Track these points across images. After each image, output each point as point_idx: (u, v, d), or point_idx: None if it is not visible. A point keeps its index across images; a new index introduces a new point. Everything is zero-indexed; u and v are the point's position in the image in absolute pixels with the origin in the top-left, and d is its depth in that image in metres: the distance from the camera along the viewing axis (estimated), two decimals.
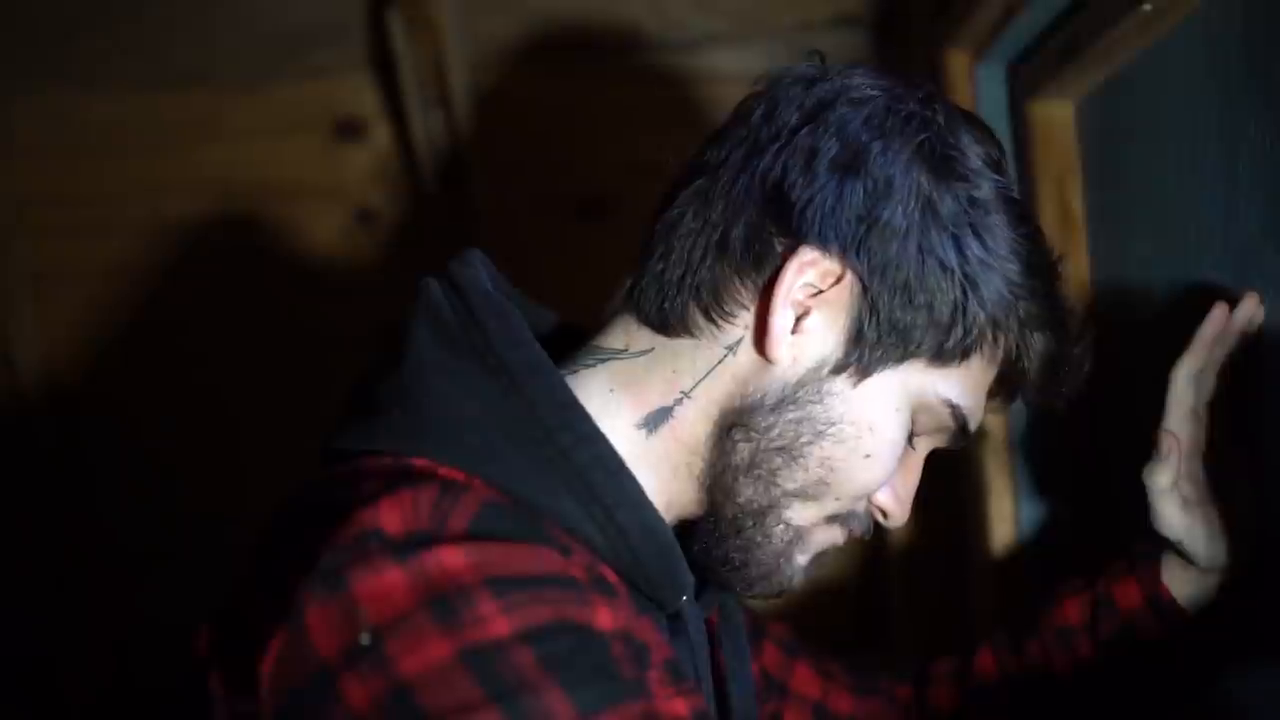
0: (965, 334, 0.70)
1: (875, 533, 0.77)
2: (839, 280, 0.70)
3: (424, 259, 0.83)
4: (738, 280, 0.71)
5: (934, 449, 0.77)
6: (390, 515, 0.58)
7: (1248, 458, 0.78)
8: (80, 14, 1.40)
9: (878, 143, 0.69)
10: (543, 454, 0.65)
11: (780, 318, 0.69)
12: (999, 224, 0.71)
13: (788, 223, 0.70)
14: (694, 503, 0.74)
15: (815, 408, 0.70)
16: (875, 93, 0.71)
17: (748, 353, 0.71)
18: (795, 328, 0.70)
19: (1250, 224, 0.76)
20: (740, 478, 0.71)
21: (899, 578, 1.42)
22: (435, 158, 1.43)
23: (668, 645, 0.67)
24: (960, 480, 1.24)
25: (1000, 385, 0.75)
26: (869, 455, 0.71)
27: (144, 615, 1.49)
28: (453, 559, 0.56)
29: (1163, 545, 0.80)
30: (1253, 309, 0.76)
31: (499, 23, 1.42)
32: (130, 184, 1.48)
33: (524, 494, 0.64)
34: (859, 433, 0.71)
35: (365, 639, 0.55)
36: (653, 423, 0.72)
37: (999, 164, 0.73)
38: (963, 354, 0.71)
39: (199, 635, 0.64)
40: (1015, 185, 0.74)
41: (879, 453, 0.71)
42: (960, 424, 0.73)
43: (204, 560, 1.14)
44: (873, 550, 1.44)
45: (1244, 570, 0.78)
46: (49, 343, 1.51)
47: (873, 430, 0.71)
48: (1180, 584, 0.81)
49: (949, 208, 0.69)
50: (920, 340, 0.70)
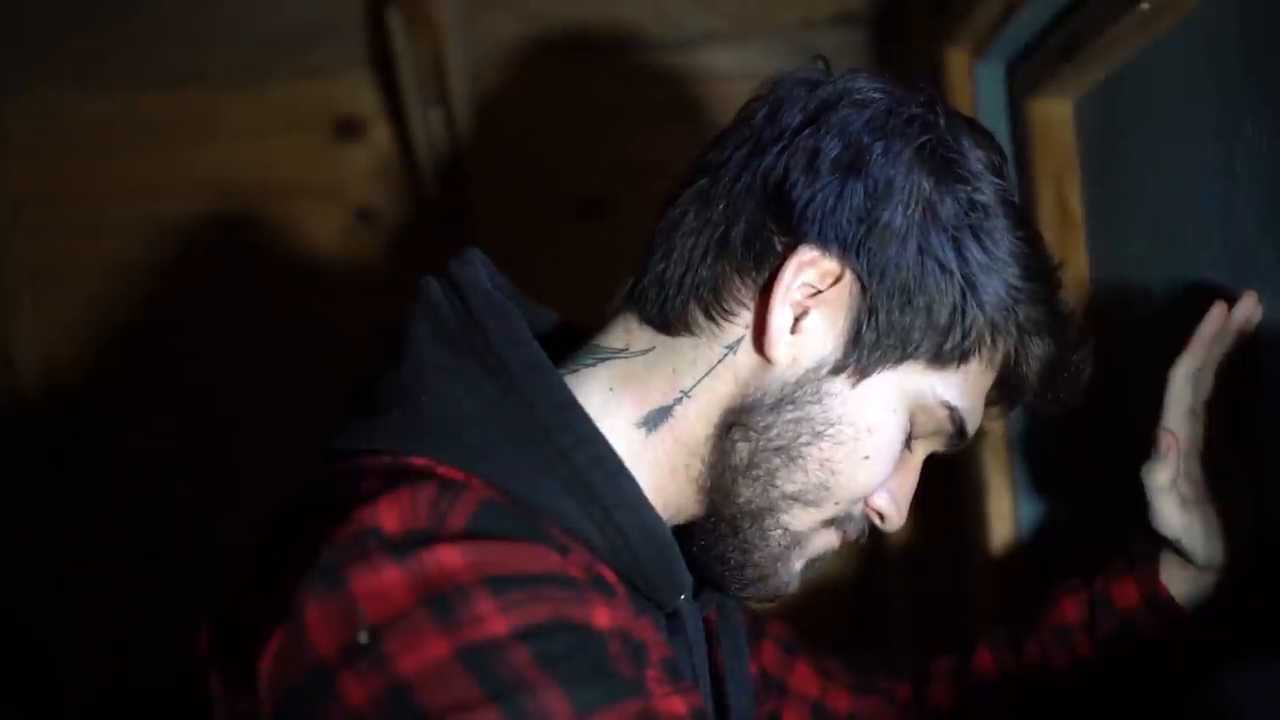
0: (964, 336, 0.70)
1: (873, 533, 0.77)
2: (838, 280, 0.70)
3: (423, 259, 0.82)
4: (738, 279, 0.71)
5: (932, 452, 0.77)
6: (389, 514, 0.58)
7: (1246, 456, 0.78)
8: (76, 13, 1.40)
9: (879, 144, 0.70)
10: (541, 454, 0.65)
11: (779, 317, 0.69)
12: (999, 227, 0.71)
13: (788, 222, 0.70)
14: (693, 503, 0.74)
15: (814, 408, 0.70)
16: (878, 95, 0.72)
17: (747, 352, 0.71)
18: (794, 328, 0.70)
19: (1248, 222, 0.76)
20: (739, 478, 0.71)
21: (898, 576, 1.42)
22: (435, 157, 1.42)
23: (666, 644, 0.67)
24: (959, 479, 1.24)
25: (999, 391, 0.75)
26: (867, 456, 0.71)
27: (143, 615, 1.48)
28: (451, 558, 0.56)
29: (1161, 544, 0.81)
30: (1251, 308, 0.76)
31: (499, 22, 1.42)
32: (128, 184, 1.47)
33: (522, 493, 0.64)
34: (857, 434, 0.71)
35: (364, 637, 0.55)
36: (652, 422, 0.72)
37: (1000, 168, 0.73)
38: (961, 357, 0.71)
39: (199, 634, 0.64)
40: (1016, 190, 0.74)
41: (877, 454, 0.71)
42: (958, 427, 0.73)
43: (203, 560, 1.13)
44: (872, 549, 1.43)
45: (1242, 569, 0.78)
46: (48, 343, 1.50)
47: (871, 431, 0.71)
48: (1178, 583, 0.81)
49: (949, 210, 0.69)
50: (919, 342, 0.70)
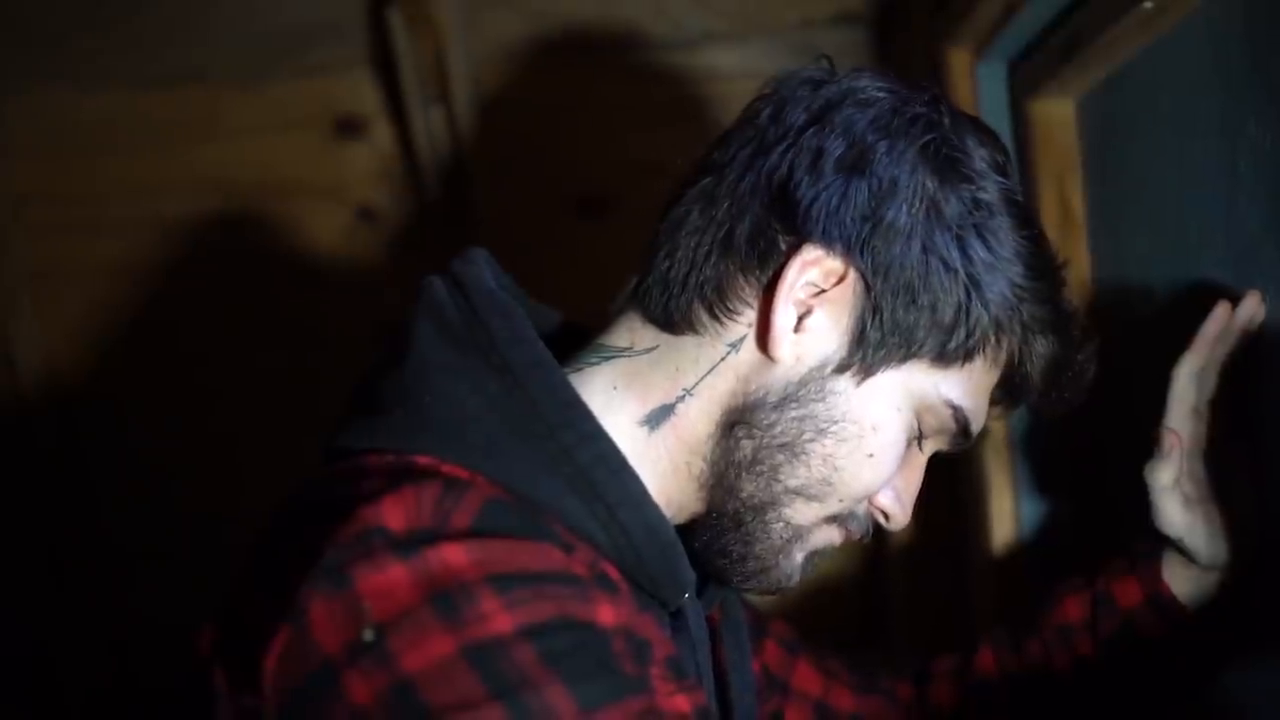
0: (968, 335, 0.70)
1: (875, 533, 0.77)
2: (842, 279, 0.70)
3: (424, 258, 0.82)
4: (742, 277, 0.71)
5: (936, 451, 0.77)
6: (393, 512, 0.58)
7: (1249, 456, 0.78)
8: (76, 13, 1.39)
9: (883, 143, 0.70)
10: (545, 452, 0.66)
11: (782, 315, 0.69)
12: (1003, 226, 0.71)
13: (792, 221, 0.70)
14: (695, 501, 0.74)
15: (818, 406, 0.70)
16: (882, 94, 0.72)
17: (751, 350, 0.71)
18: (798, 326, 0.70)
19: (1251, 221, 0.76)
20: (742, 474, 0.71)
21: (900, 576, 1.42)
22: (436, 156, 1.42)
23: (669, 642, 0.67)
24: (961, 478, 1.24)
25: (1003, 390, 0.75)
26: (871, 454, 0.71)
27: (143, 615, 1.48)
28: (455, 556, 0.56)
29: (1163, 543, 0.81)
30: (1254, 307, 0.76)
31: (500, 21, 1.41)
32: (128, 183, 1.47)
33: (526, 491, 0.64)
34: (861, 432, 0.71)
35: (368, 635, 0.55)
36: (655, 420, 0.72)
37: (1004, 167, 0.73)
38: (965, 355, 0.71)
39: (201, 634, 0.64)
40: (1020, 189, 0.74)
41: (881, 452, 0.71)
42: (962, 426, 0.73)
43: (203, 560, 1.13)
44: (874, 548, 1.43)
45: (1244, 568, 0.78)
46: (48, 343, 1.50)
47: (875, 430, 0.71)
48: (1181, 582, 0.81)
49: (953, 209, 0.69)
50: (923, 341, 0.70)
